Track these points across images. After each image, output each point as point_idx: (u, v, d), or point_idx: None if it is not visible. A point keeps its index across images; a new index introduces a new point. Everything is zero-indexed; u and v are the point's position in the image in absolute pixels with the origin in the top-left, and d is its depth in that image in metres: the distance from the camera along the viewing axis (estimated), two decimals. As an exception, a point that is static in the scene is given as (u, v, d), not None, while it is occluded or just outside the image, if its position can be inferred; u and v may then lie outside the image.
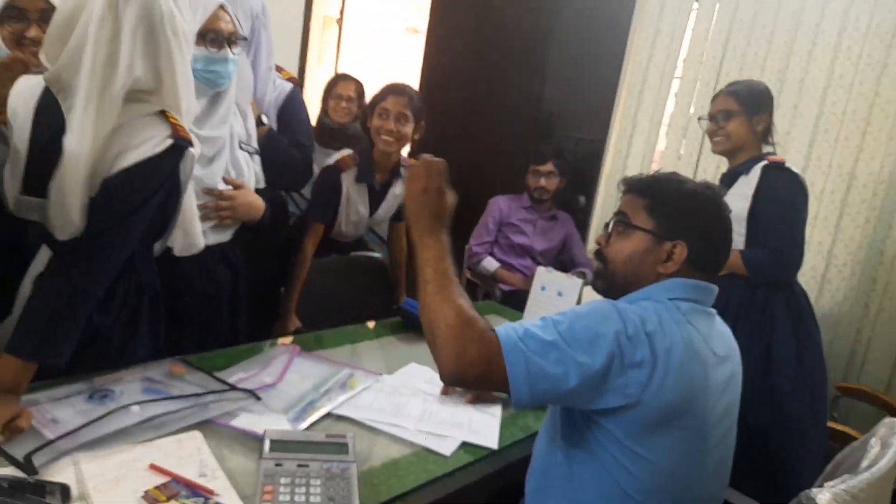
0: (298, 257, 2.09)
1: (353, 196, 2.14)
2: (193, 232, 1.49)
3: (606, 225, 1.22)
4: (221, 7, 1.51)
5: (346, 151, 2.17)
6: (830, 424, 2.09)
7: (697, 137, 3.08)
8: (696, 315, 1.10)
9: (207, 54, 1.49)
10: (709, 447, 1.08)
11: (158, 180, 1.24)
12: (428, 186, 1.13)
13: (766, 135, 2.04)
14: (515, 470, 1.29)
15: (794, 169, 1.98)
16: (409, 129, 2.08)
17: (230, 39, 1.51)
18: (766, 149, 2.05)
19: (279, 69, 2.03)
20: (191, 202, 1.43)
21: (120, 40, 1.15)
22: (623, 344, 0.99)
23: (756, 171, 1.95)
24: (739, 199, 1.94)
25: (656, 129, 3.25)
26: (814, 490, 0.93)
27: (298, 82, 2.09)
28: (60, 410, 1.18)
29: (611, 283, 1.18)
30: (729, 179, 2.03)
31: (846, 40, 2.66)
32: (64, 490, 0.96)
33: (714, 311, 1.17)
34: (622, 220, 1.17)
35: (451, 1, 3.50)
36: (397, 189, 2.23)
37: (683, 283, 1.11)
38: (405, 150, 2.24)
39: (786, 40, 2.80)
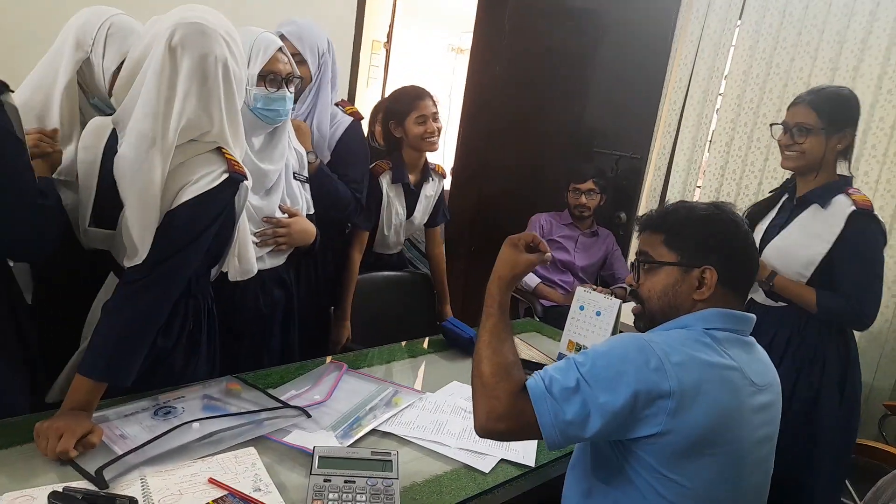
0: (346, 266, 2.21)
1: (392, 198, 2.27)
2: (247, 258, 1.59)
3: (632, 265, 1.24)
4: (280, 50, 1.61)
5: (378, 161, 2.31)
6: (877, 445, 2.05)
7: (741, 154, 3.06)
8: (732, 344, 1.11)
9: (267, 94, 1.58)
10: (745, 473, 1.09)
11: (216, 211, 1.33)
12: (518, 260, 1.21)
13: (845, 153, 1.85)
14: (552, 487, 1.33)
15: (879, 215, 1.83)
16: (440, 123, 2.26)
17: (287, 79, 1.61)
18: (841, 168, 1.86)
19: (343, 104, 2.15)
20: (245, 230, 1.53)
21: (176, 85, 1.26)
22: (646, 377, 1.02)
23: (839, 213, 1.77)
24: (815, 241, 1.79)
25: (700, 145, 3.24)
26: None
27: (361, 117, 2.18)
28: (128, 426, 1.28)
29: (651, 320, 1.20)
30: (801, 205, 1.86)
31: (894, 56, 2.61)
32: (132, 503, 1.03)
33: (752, 339, 1.18)
34: (645, 259, 1.20)
35: (495, 21, 3.56)
36: (428, 189, 2.37)
37: (720, 313, 1.13)
38: (439, 156, 2.42)
39: (831, 56, 2.77)
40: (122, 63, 1.38)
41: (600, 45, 3.52)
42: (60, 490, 1.02)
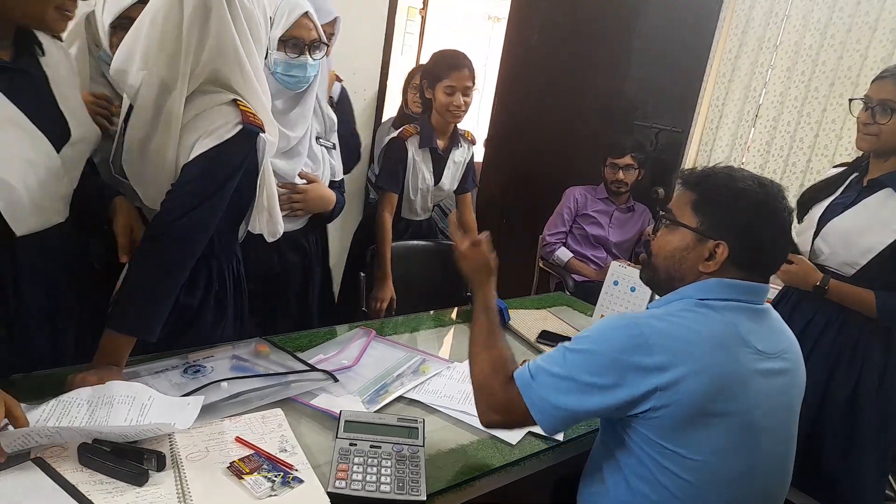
0: (378, 227, 2.20)
1: (419, 162, 2.25)
2: (277, 216, 1.53)
3: (656, 218, 1.21)
4: (305, 15, 1.57)
5: (405, 125, 2.29)
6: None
7: (789, 130, 2.94)
8: (734, 312, 1.08)
9: (287, 59, 1.56)
10: (760, 443, 1.07)
11: (233, 164, 1.31)
12: (478, 264, 1.33)
13: None
14: (579, 463, 1.31)
15: None
16: (471, 98, 2.20)
17: (311, 46, 1.57)
18: None
19: None
20: (272, 186, 1.48)
21: (181, 24, 1.22)
22: (631, 354, 1.02)
23: None
24: (881, 228, 1.64)
25: (746, 120, 3.11)
26: None
27: (341, 80, 2.34)
28: (158, 383, 1.28)
29: (655, 276, 1.20)
30: (872, 187, 1.71)
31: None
32: (159, 458, 1.03)
33: (766, 307, 1.15)
34: (667, 217, 1.17)
35: (533, -12, 3.48)
36: (457, 156, 2.35)
37: (720, 282, 1.10)
38: (472, 127, 2.36)
39: (892, 28, 2.61)
40: (120, 15, 1.38)
41: (642, 13, 3.39)
42: (90, 441, 1.03)
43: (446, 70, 2.16)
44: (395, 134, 2.25)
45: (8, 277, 1.16)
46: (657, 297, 1.24)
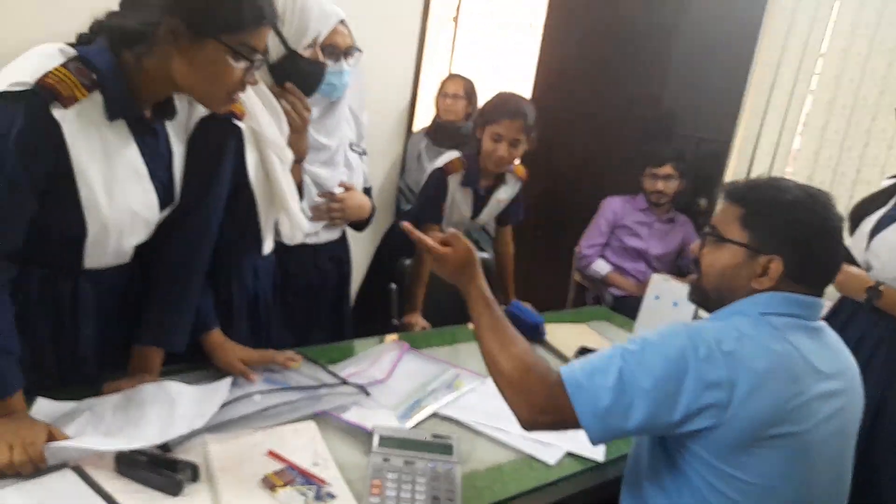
0: (416, 263, 2.10)
1: (458, 199, 2.17)
2: (296, 217, 1.47)
3: (701, 234, 1.17)
4: (341, 22, 1.53)
5: (455, 154, 2.17)
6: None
7: (837, 139, 2.84)
8: (793, 330, 1.03)
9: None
10: (816, 469, 1.01)
11: (213, 144, 1.29)
12: (460, 261, 1.18)
13: None
14: (616, 485, 1.26)
15: None
16: (520, 150, 2.06)
17: (346, 52, 1.54)
18: None
19: None
20: (284, 186, 1.42)
21: None
22: (695, 366, 0.96)
23: None
24: None
25: (790, 129, 3.02)
26: None
27: None
28: (192, 393, 1.28)
29: (705, 295, 1.15)
30: None
31: None
32: (193, 469, 1.04)
33: (822, 325, 1.09)
34: (713, 233, 1.12)
35: (568, -5, 3.45)
36: (501, 194, 2.26)
37: (779, 297, 1.05)
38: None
39: (947, 32, 2.51)
40: None
41: (682, 19, 3.33)
42: (127, 451, 1.03)
43: (499, 114, 2.01)
44: (439, 164, 2.16)
45: (67, 306, 1.19)
46: (702, 313, 1.19)
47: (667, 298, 1.83)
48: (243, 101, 1.29)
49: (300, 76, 1.45)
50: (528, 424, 1.05)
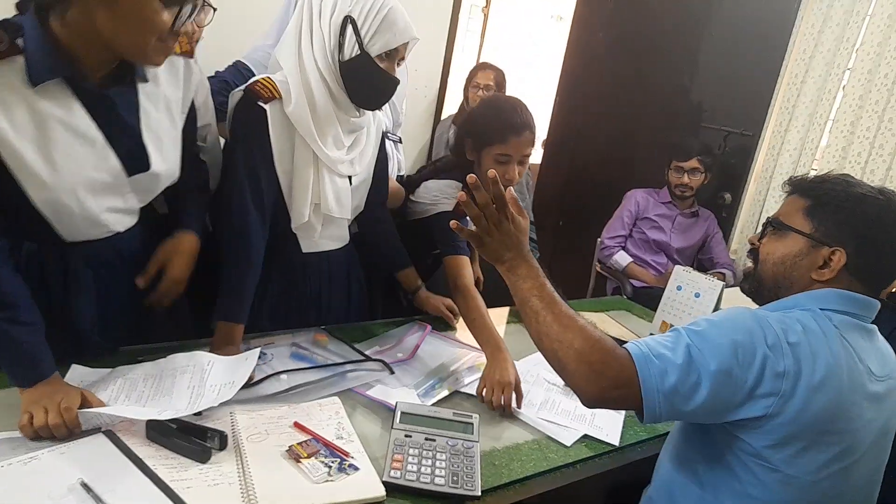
0: (468, 299, 1.65)
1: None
2: (298, 206, 1.45)
3: (763, 225, 1.16)
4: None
5: (455, 189, 1.74)
6: None
7: (868, 136, 2.79)
8: (850, 329, 1.02)
9: None
10: (855, 467, 1.01)
11: (238, 132, 1.37)
12: (498, 223, 1.07)
13: None
14: (635, 470, 1.28)
15: None
16: (527, 166, 1.71)
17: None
18: None
19: None
20: (298, 172, 1.43)
21: None
22: (762, 352, 0.95)
23: None
24: None
25: (818, 124, 2.98)
26: None
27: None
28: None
29: (760, 285, 1.13)
30: None
31: None
32: (222, 437, 1.07)
33: (873, 327, 1.08)
34: (775, 223, 1.11)
35: (598, -13, 3.42)
36: None
37: (838, 293, 1.04)
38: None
39: None
40: None
41: (714, 11, 3.30)
42: (158, 418, 1.06)
43: (503, 133, 1.60)
44: (450, 209, 1.74)
45: (59, 278, 1.20)
46: (724, 305, 1.18)
47: (689, 289, 1.82)
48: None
49: (371, 86, 1.41)
50: (594, 400, 1.00)
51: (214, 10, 1.18)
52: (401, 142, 1.88)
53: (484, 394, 1.38)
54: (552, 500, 1.16)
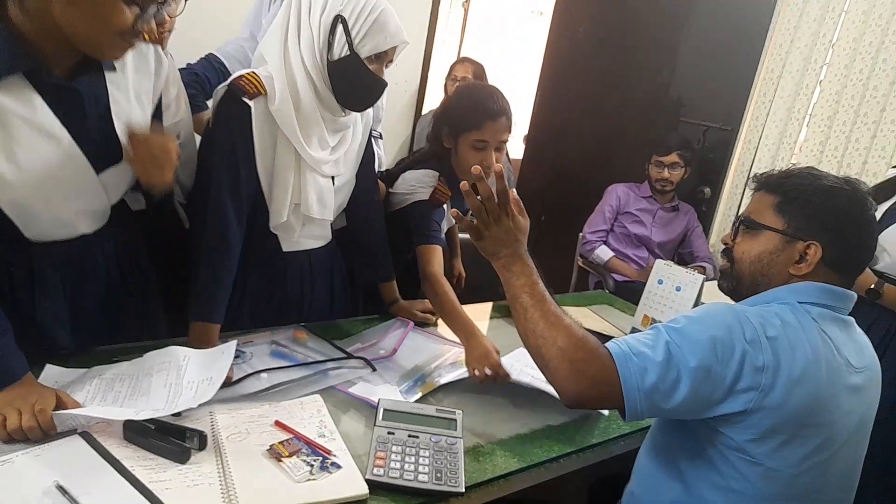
0: (436, 282, 1.65)
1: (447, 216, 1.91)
2: (277, 206, 1.43)
3: (734, 224, 1.16)
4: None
5: (432, 179, 1.76)
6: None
7: (844, 130, 2.83)
8: (828, 322, 1.03)
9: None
10: (834, 460, 1.02)
11: (221, 127, 1.33)
12: (498, 218, 1.10)
13: None
14: (618, 464, 1.28)
15: None
16: (504, 153, 1.70)
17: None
18: None
19: None
20: (283, 177, 1.41)
21: None
22: (741, 348, 0.95)
23: None
24: None
25: (797, 119, 3.01)
26: None
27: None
28: (201, 364, 1.30)
29: (738, 283, 1.13)
30: None
31: None
32: (201, 437, 1.05)
33: (851, 319, 1.09)
34: (747, 222, 1.12)
35: (579, -19, 3.42)
36: None
37: (816, 286, 1.05)
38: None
39: (960, 23, 2.50)
40: None
41: (693, 6, 3.32)
42: (135, 418, 1.04)
43: (478, 119, 1.62)
44: (424, 197, 1.74)
45: (25, 278, 1.16)
46: (704, 299, 1.19)
47: (670, 283, 1.83)
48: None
49: (359, 87, 1.39)
50: (575, 398, 1.00)
51: (185, 0, 1.16)
52: (381, 137, 1.86)
53: (475, 374, 1.37)
54: (536, 495, 1.16)
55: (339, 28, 1.32)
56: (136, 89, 1.21)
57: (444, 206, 1.77)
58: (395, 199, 1.78)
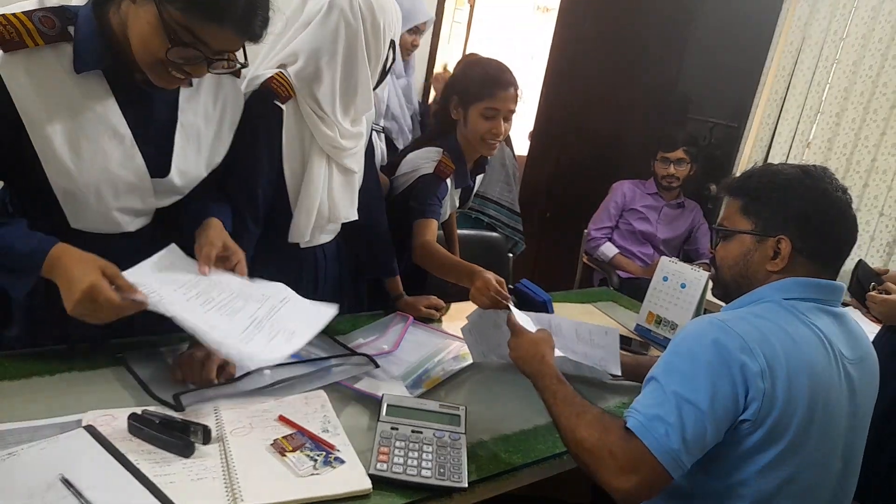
0: (433, 253, 1.71)
1: (452, 194, 1.96)
2: (299, 226, 1.47)
3: (712, 233, 1.19)
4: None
5: (437, 153, 1.78)
6: None
7: (853, 127, 2.81)
8: (817, 314, 1.04)
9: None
10: (836, 452, 1.02)
11: (249, 122, 1.32)
12: (536, 351, 1.21)
13: None
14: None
15: None
16: (511, 123, 1.77)
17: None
18: None
19: None
20: (305, 188, 1.43)
21: None
22: (737, 360, 0.95)
23: None
24: None
25: (810, 116, 2.99)
26: None
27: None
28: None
29: (725, 288, 1.17)
30: None
31: None
32: (205, 431, 1.05)
33: (843, 310, 1.10)
34: (720, 229, 1.16)
35: (586, -24, 3.41)
36: (479, 180, 2.07)
37: (797, 281, 1.06)
38: (518, 120, 1.95)
39: (971, 20, 2.48)
40: None
41: (700, 3, 3.30)
42: (140, 412, 1.05)
43: (487, 88, 1.69)
44: (429, 170, 1.77)
45: None
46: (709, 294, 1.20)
47: (675, 280, 1.83)
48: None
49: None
50: (617, 492, 0.95)
51: (244, 66, 1.16)
52: (383, 132, 1.86)
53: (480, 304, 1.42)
54: (539, 491, 1.16)
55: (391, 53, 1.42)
56: (205, 111, 1.24)
57: (448, 183, 1.79)
58: (400, 181, 1.80)
